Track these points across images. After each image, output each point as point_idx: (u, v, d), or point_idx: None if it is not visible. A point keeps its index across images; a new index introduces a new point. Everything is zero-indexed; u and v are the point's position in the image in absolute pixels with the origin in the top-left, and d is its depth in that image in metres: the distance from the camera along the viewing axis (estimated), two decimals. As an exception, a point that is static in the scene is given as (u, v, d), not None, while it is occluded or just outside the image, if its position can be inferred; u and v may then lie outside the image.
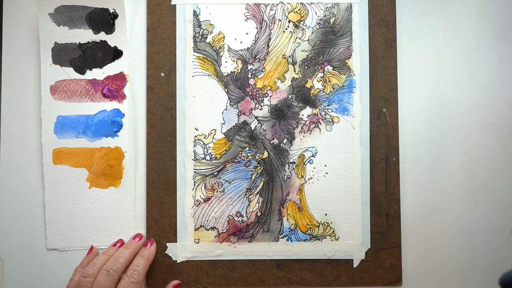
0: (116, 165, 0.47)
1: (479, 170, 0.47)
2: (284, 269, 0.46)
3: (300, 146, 0.47)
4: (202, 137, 0.47)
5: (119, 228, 0.47)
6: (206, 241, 0.46)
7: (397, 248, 0.46)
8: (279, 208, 0.47)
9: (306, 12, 0.47)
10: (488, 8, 0.48)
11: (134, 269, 0.43)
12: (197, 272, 0.46)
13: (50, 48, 0.47)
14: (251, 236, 0.46)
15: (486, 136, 0.48)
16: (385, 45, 0.47)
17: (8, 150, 0.47)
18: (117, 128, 0.47)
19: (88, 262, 0.44)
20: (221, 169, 0.47)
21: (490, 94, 0.48)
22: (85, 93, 0.47)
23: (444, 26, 0.48)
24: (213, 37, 0.47)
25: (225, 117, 0.47)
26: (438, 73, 0.48)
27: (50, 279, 0.47)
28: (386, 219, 0.46)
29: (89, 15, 0.47)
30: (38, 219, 0.47)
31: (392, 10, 0.47)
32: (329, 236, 0.46)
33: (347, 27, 0.47)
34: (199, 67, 0.47)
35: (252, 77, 0.47)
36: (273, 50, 0.47)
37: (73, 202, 0.47)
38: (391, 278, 0.46)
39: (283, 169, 0.47)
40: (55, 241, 0.47)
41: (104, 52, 0.47)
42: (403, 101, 0.48)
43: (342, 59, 0.47)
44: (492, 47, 0.48)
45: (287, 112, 0.47)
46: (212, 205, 0.47)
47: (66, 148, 0.47)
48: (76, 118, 0.47)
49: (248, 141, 0.47)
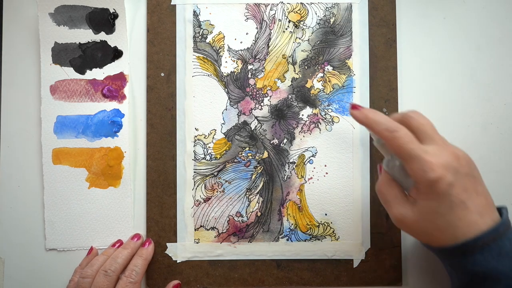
0: (115, 165, 0.47)
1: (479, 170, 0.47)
2: (284, 269, 0.46)
3: (300, 146, 0.47)
4: (202, 137, 0.47)
5: (119, 228, 0.47)
6: (206, 241, 0.46)
7: (397, 248, 0.46)
8: (279, 208, 0.47)
9: (306, 12, 0.47)
10: (488, 8, 0.48)
11: (132, 269, 0.43)
12: (197, 272, 0.46)
13: (50, 48, 0.47)
14: (251, 236, 0.46)
15: (486, 136, 0.48)
16: (385, 45, 0.47)
17: (8, 150, 0.47)
18: (117, 128, 0.47)
19: (87, 263, 0.44)
20: (221, 169, 0.47)
21: (490, 94, 0.48)
22: (85, 93, 0.47)
23: (444, 26, 0.48)
24: (213, 37, 0.47)
25: (225, 117, 0.47)
26: (438, 73, 0.48)
27: (50, 279, 0.47)
28: (386, 219, 0.46)
29: (89, 15, 0.47)
30: (38, 219, 0.47)
31: (392, 10, 0.47)
32: (329, 236, 0.46)
33: (347, 27, 0.47)
34: (199, 67, 0.47)
35: (252, 77, 0.47)
36: (273, 50, 0.47)
37: (73, 202, 0.47)
38: (391, 278, 0.46)
39: (283, 169, 0.47)
40: (54, 241, 0.47)
41: (104, 52, 0.47)
42: (403, 101, 0.48)
43: (342, 59, 0.47)
44: (492, 47, 0.48)
45: (287, 112, 0.47)
46: (212, 205, 0.47)
47: (65, 148, 0.47)
48: (76, 118, 0.47)
49: (248, 141, 0.47)
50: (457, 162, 0.35)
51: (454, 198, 0.34)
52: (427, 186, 0.35)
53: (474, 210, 0.34)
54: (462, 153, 0.36)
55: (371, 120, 0.38)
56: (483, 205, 0.35)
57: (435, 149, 0.35)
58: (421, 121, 0.37)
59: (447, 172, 0.34)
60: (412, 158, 0.35)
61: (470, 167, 0.36)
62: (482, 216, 0.34)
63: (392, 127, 0.36)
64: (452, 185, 0.34)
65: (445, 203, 0.34)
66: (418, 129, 0.37)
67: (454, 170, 0.34)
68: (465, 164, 0.35)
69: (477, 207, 0.34)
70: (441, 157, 0.35)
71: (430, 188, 0.34)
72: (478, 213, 0.34)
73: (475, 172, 0.36)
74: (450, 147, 0.36)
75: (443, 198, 0.34)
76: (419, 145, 0.35)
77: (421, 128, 0.37)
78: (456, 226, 0.34)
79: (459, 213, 0.34)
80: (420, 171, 0.34)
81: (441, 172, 0.34)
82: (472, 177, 0.35)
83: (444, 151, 0.35)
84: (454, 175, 0.34)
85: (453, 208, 0.34)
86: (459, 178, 0.34)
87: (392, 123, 0.36)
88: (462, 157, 0.35)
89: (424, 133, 0.37)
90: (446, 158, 0.35)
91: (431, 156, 0.34)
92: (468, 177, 0.35)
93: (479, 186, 0.35)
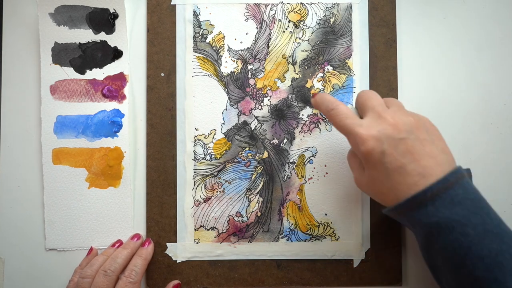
0: (115, 165, 0.47)
1: (479, 170, 0.47)
2: (284, 269, 0.46)
3: (300, 146, 0.47)
4: (202, 137, 0.47)
5: (118, 228, 0.47)
6: (206, 241, 0.46)
7: (397, 248, 0.46)
8: (279, 208, 0.47)
9: (306, 12, 0.47)
10: (488, 8, 0.48)
11: (132, 269, 0.43)
12: (197, 272, 0.46)
13: (50, 48, 0.47)
14: (251, 236, 0.46)
15: (486, 136, 0.48)
16: (385, 45, 0.47)
17: (8, 150, 0.47)
18: (117, 128, 0.47)
19: (87, 263, 0.44)
20: (221, 169, 0.47)
21: (490, 94, 0.48)
22: (85, 93, 0.47)
23: (444, 26, 0.48)
24: (213, 37, 0.47)
25: (225, 117, 0.47)
26: (438, 73, 0.48)
27: (49, 279, 0.47)
28: (386, 219, 0.46)
29: (89, 15, 0.47)
30: (38, 219, 0.47)
31: (392, 10, 0.47)
32: (329, 236, 0.46)
33: (347, 27, 0.47)
34: (199, 67, 0.47)
35: (252, 77, 0.47)
36: (273, 50, 0.47)
37: (72, 202, 0.47)
38: (391, 278, 0.46)
39: (283, 169, 0.47)
40: (54, 241, 0.47)
41: (104, 52, 0.47)
42: (403, 101, 0.47)
43: (342, 59, 0.47)
44: (492, 47, 0.48)
45: (287, 112, 0.47)
46: (212, 205, 0.47)
47: (65, 148, 0.47)
48: (75, 118, 0.47)
49: (248, 141, 0.47)
50: (392, 129, 0.35)
51: (389, 165, 0.35)
52: (363, 158, 0.37)
53: (415, 173, 0.35)
54: (406, 118, 0.36)
55: (318, 103, 0.40)
56: (430, 165, 0.35)
57: (369, 121, 0.37)
58: (363, 96, 0.39)
59: (378, 142, 0.35)
60: (348, 133, 0.37)
61: (414, 131, 0.36)
62: (425, 176, 0.35)
63: (330, 105, 0.38)
64: (385, 153, 0.35)
65: (381, 171, 0.36)
66: (360, 103, 0.39)
67: (387, 138, 0.35)
68: (405, 129, 0.36)
69: (420, 168, 0.35)
70: (373, 128, 0.36)
71: (366, 159, 0.36)
72: (420, 175, 0.35)
73: (422, 134, 0.36)
74: (390, 115, 0.36)
75: (379, 166, 0.36)
76: (354, 119, 0.37)
77: (362, 103, 0.38)
78: (396, 189, 0.36)
79: (397, 178, 0.35)
80: (355, 144, 0.37)
81: (371, 144, 0.35)
82: (417, 140, 0.36)
83: (379, 120, 0.36)
84: (387, 144, 0.35)
85: (389, 175, 0.36)
86: (395, 144, 0.35)
87: (332, 102, 0.39)
88: (401, 123, 0.36)
89: (365, 107, 0.38)
90: (379, 128, 0.36)
91: (363, 129, 0.36)
92: (410, 140, 0.35)
93: (428, 147, 0.36)
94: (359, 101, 0.39)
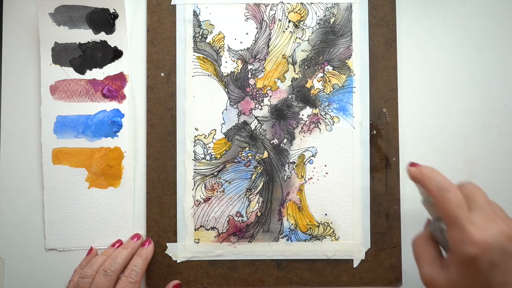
0: (115, 165, 0.47)
1: (479, 170, 0.47)
2: (284, 269, 0.46)
3: (300, 146, 0.47)
4: (202, 137, 0.47)
5: (118, 228, 0.47)
6: (206, 241, 0.46)
7: (397, 248, 0.46)
8: (279, 208, 0.47)
9: (306, 12, 0.47)
10: (488, 8, 0.48)
11: (132, 269, 0.43)
12: (197, 272, 0.46)
13: (50, 48, 0.47)
14: (251, 236, 0.46)
15: (486, 136, 0.48)
16: (385, 45, 0.47)
17: (8, 150, 0.47)
18: (116, 128, 0.47)
19: (87, 263, 0.44)
20: (221, 169, 0.47)
21: (490, 94, 0.48)
22: (85, 93, 0.47)
23: (444, 26, 0.48)
24: (213, 37, 0.47)
25: (225, 117, 0.47)
26: (438, 73, 0.48)
27: (49, 279, 0.47)
28: (386, 219, 0.46)
29: (89, 15, 0.47)
30: (38, 219, 0.47)
31: (392, 10, 0.47)
32: (329, 236, 0.46)
33: (347, 27, 0.47)
34: (199, 67, 0.47)
35: (252, 77, 0.47)
36: (273, 50, 0.47)
37: (72, 202, 0.47)
38: (391, 278, 0.46)
39: (283, 169, 0.47)
40: (54, 241, 0.47)
41: (104, 52, 0.47)
42: (403, 101, 0.48)
43: (342, 59, 0.47)
44: (492, 47, 0.48)
45: (287, 112, 0.47)
46: (212, 205, 0.47)
47: (65, 148, 0.47)
48: (75, 118, 0.47)
49: (248, 141, 0.47)
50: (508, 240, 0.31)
51: (494, 279, 0.31)
52: (462, 260, 0.32)
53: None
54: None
55: (425, 176, 0.36)
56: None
57: (482, 221, 0.32)
58: (473, 189, 0.35)
59: (489, 250, 0.31)
60: (455, 225, 0.33)
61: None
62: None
63: (445, 186, 0.34)
64: (494, 265, 0.31)
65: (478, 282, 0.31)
66: (468, 195, 0.34)
67: (501, 248, 0.31)
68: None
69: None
70: (486, 232, 0.31)
71: (466, 263, 0.32)
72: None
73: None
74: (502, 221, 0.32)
75: (478, 276, 0.31)
76: (467, 212, 0.33)
77: (471, 196, 0.34)
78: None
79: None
80: (460, 241, 0.32)
81: (481, 250, 0.31)
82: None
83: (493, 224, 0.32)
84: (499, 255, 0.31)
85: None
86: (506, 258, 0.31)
87: (446, 182, 0.35)
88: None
89: (474, 202, 0.34)
90: (492, 233, 0.31)
91: (476, 229, 0.32)
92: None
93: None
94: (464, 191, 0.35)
